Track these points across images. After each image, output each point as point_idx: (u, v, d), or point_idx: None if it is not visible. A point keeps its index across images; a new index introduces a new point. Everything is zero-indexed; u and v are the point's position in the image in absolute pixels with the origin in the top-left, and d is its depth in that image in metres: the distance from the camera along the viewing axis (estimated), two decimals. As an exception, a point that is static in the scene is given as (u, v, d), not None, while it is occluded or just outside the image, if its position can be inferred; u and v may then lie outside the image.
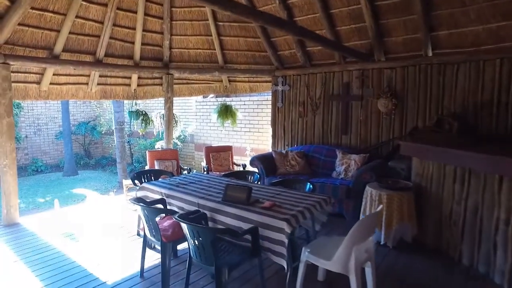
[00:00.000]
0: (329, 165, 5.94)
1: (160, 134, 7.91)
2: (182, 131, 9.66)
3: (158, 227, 3.10)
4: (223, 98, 9.51)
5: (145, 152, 9.76)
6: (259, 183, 4.44)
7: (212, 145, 7.27)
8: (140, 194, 3.99)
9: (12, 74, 5.51)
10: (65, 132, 10.91)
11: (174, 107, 7.31)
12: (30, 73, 5.72)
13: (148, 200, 3.69)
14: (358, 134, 6.08)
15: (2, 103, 5.03)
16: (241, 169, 6.43)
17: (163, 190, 3.71)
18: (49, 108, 12.69)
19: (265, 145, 8.41)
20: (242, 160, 8.16)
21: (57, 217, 5.41)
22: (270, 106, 8.26)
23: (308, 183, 4.03)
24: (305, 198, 3.36)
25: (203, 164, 6.73)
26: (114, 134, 9.12)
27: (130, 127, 11.56)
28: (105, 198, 6.66)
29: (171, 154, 6.40)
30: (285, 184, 4.11)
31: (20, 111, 11.75)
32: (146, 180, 4.62)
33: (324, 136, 6.48)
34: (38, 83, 5.86)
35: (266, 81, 7.56)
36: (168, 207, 3.65)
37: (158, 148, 9.10)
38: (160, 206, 3.59)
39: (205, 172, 6.50)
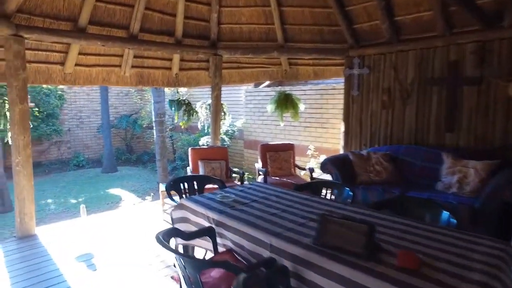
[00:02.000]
0: (429, 173, 4.34)
1: (206, 128, 6.69)
2: (230, 125, 8.39)
3: (202, 284, 1.77)
4: (279, 87, 8.12)
5: (188, 149, 8.72)
6: (348, 200, 2.96)
7: (269, 143, 5.90)
8: (177, 214, 2.71)
9: (32, 52, 4.55)
10: (104, 125, 10.13)
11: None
12: (52, 51, 4.69)
13: (187, 231, 2.38)
14: (471, 131, 4.40)
15: (14, 86, 4.01)
16: (308, 173, 5.02)
17: (212, 214, 2.38)
18: (91, 100, 12.06)
19: (330, 143, 6.90)
20: (303, 162, 6.72)
21: (80, 229, 4.36)
22: (336, 96, 6.76)
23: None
24: (466, 241, 1.87)
25: (258, 166, 5.39)
26: (154, 128, 8.06)
27: (172, 120, 10.55)
28: (140, 205, 5.62)
29: (219, 153, 5.13)
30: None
31: (63, 103, 11.19)
32: (186, 192, 3.33)
33: (419, 133, 4.86)
34: (62, 64, 4.82)
35: (335, 64, 6.05)
36: (220, 240, 2.31)
37: (203, 145, 7.93)
38: (204, 243, 2.28)
39: (261, 177, 5.16)
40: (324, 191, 3.20)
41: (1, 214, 6.17)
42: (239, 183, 5.44)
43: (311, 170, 4.94)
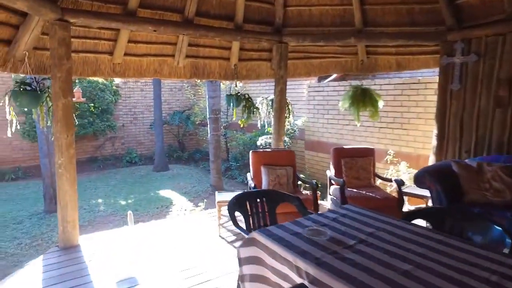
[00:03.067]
0: None
1: (266, 126, 5.91)
2: (291, 124, 7.53)
3: None
4: (348, 81, 7.12)
5: (244, 149, 8.01)
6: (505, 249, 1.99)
7: (344, 147, 4.96)
8: (246, 253, 1.93)
9: (79, 41, 4.07)
10: (156, 121, 9.77)
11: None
12: (100, 39, 4.17)
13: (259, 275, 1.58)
14: None
15: (58, 78, 3.51)
16: (394, 185, 4.04)
17: (305, 265, 1.56)
18: (145, 96, 11.87)
19: (411, 147, 5.80)
20: (379, 170, 5.69)
21: (126, 241, 3.81)
22: (422, 92, 5.65)
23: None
24: None
25: (330, 173, 4.51)
26: (208, 125, 7.43)
27: (226, 117, 9.94)
28: (192, 214, 5.02)
29: (285, 158, 4.33)
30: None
31: (118, 98, 11.09)
32: (254, 213, 2.55)
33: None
34: (111, 53, 4.29)
35: (425, 52, 4.97)
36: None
37: (261, 146, 7.17)
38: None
39: (333, 187, 4.29)
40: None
41: (54, 214, 5.91)
42: (306, 192, 4.62)
43: (400, 183, 3.94)
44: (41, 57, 3.95)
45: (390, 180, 4.29)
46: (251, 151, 4.38)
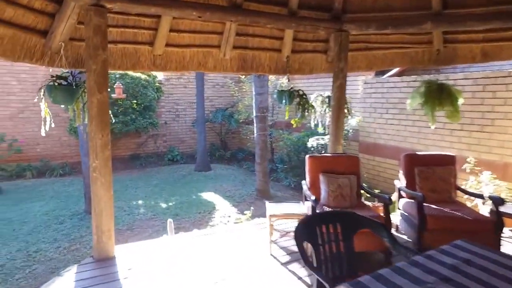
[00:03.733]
0: None
1: (320, 126, 5.24)
2: (347, 124, 6.76)
3: None
4: (412, 76, 6.26)
5: (291, 151, 7.36)
6: None
7: (417, 153, 4.19)
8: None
9: (118, 30, 3.69)
10: (199, 119, 9.40)
11: (324, 89, 4.53)
12: (140, 28, 3.75)
13: None
14: None
15: (93, 70, 3.13)
16: (477, 201, 3.25)
17: None
18: (187, 93, 11.63)
19: (496, 154, 4.89)
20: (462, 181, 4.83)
21: (164, 253, 3.37)
22: (510, 87, 4.70)
23: None
24: None
25: (399, 184, 3.79)
26: (254, 124, 6.88)
27: (272, 115, 9.36)
28: (238, 223, 4.52)
29: (348, 164, 3.69)
30: None
31: (160, 95, 10.92)
32: (326, 246, 1.94)
33: None
34: (151, 44, 3.86)
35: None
36: None
37: (312, 148, 6.51)
38: None
39: (404, 200, 3.58)
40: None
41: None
42: (369, 203, 3.93)
43: (498, 202, 3.13)
44: (78, 49, 3.61)
45: (480, 197, 3.48)
46: (307, 156, 3.77)
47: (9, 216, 5.70)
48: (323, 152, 6.39)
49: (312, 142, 6.58)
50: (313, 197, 3.13)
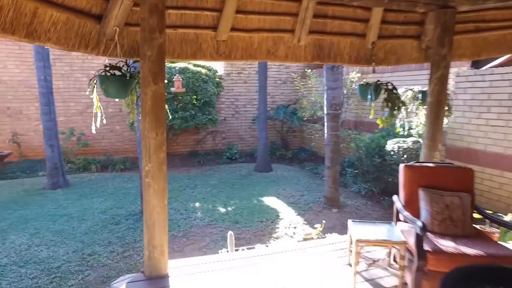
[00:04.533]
0: None
1: (406, 127, 4.35)
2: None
3: None
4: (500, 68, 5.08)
5: (363, 153, 6.45)
6: None
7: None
8: None
9: (178, 12, 3.21)
10: (260, 116, 8.82)
11: (401, 84, 3.61)
12: (203, 9, 3.22)
13: None
14: None
15: (147, 57, 2.66)
16: None
17: None
18: (248, 88, 11.18)
19: None
20: None
21: (222, 274, 2.84)
22: None
23: None
24: None
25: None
26: (325, 123, 6.07)
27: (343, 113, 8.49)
28: (307, 237, 3.86)
29: (457, 178, 2.87)
30: None
31: (221, 90, 10.58)
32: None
33: None
34: (215, 28, 3.32)
35: None
36: None
37: (392, 152, 5.59)
38: None
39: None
40: None
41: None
42: (483, 228, 3.02)
43: None
44: (134, 35, 3.18)
45: None
46: (402, 165, 2.97)
47: (71, 211, 5.62)
48: (403, 156, 5.42)
49: (391, 145, 5.65)
50: (419, 223, 2.35)
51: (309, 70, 9.47)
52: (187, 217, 5.40)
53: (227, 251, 3.72)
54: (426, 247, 2.31)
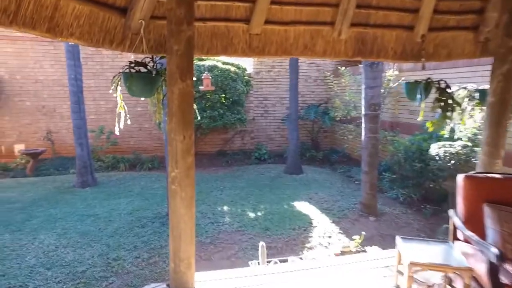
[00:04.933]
0: None
1: (456, 130, 3.89)
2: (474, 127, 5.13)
3: None
4: None
5: (402, 157, 5.93)
6: None
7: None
8: None
9: (207, 4, 2.96)
10: (291, 116, 8.45)
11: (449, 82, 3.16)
12: (234, 0, 2.95)
13: None
14: None
15: (174, 52, 2.44)
16: None
17: None
18: (278, 87, 10.86)
19: None
20: None
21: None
22: None
23: None
24: None
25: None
26: (362, 124, 5.62)
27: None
28: (344, 251, 3.52)
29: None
30: None
31: (249, 89, 10.33)
32: None
33: None
34: (247, 21, 3.04)
35: None
36: None
37: (437, 158, 5.09)
38: None
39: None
40: None
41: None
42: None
43: None
44: (161, 29, 2.95)
45: None
46: (462, 176, 2.57)
47: (98, 211, 5.55)
48: (450, 162, 4.91)
49: (436, 149, 5.15)
50: (494, 250, 1.96)
51: (342, 68, 9.03)
52: (214, 222, 5.17)
53: (258, 263, 3.44)
54: (504, 279, 1.92)
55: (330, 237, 4.77)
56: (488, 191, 2.46)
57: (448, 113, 3.29)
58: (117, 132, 3.05)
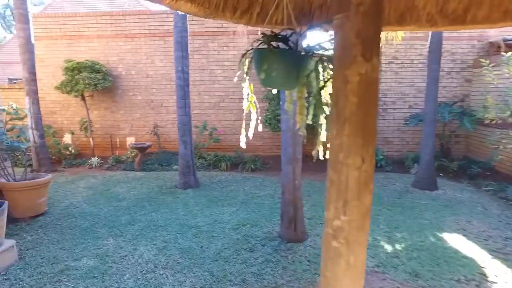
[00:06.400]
0: None
1: None
2: None
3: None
4: None
5: None
6: None
7: None
8: None
9: None
10: (427, 117, 6.64)
11: None
12: None
13: None
14: None
15: (353, 7, 1.31)
16: None
17: None
18: (400, 81, 9.17)
19: None
20: None
21: None
22: None
23: None
24: None
25: None
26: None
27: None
28: None
29: None
30: None
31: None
32: None
33: None
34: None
35: None
36: None
37: None
38: None
39: None
40: None
41: (293, 244, 4.18)
42: None
43: None
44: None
45: None
46: None
47: (199, 222, 4.88)
48: None
49: None
50: None
51: (484, 60, 6.99)
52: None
53: None
54: None
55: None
56: None
57: None
58: (250, 136, 2.11)
